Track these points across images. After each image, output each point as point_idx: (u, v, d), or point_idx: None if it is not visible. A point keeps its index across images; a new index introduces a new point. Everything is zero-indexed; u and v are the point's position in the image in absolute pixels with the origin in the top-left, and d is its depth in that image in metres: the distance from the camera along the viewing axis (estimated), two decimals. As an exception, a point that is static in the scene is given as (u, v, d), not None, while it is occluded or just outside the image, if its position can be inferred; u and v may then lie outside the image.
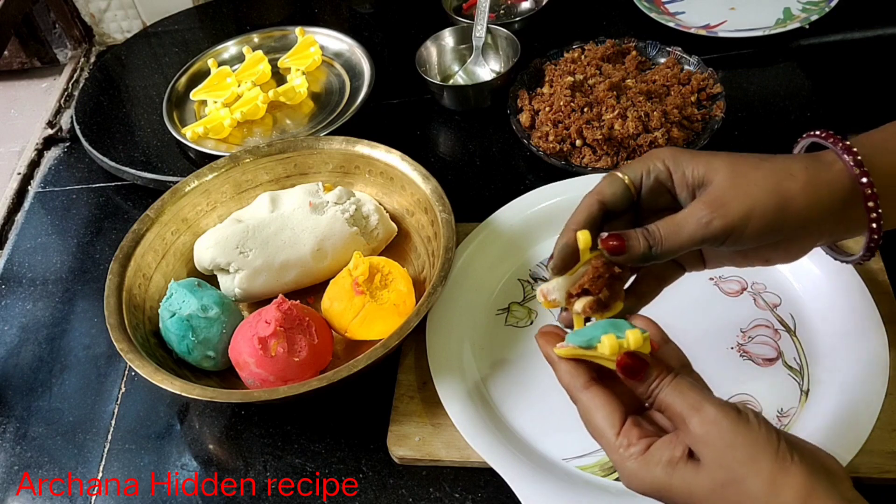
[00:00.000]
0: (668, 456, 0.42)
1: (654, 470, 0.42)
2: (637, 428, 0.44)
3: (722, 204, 0.47)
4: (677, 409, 0.42)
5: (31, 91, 1.14)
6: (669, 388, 0.43)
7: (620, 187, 0.50)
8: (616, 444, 0.44)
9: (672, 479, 0.42)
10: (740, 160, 0.49)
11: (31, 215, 0.94)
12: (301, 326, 0.65)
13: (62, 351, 0.77)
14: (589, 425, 0.46)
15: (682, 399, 0.42)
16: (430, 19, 1.05)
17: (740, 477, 0.40)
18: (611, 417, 0.44)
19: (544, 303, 0.50)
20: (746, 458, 0.40)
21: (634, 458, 0.43)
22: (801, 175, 0.47)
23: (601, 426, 0.45)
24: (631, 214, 0.52)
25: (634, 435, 0.43)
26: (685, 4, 1.02)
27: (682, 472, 0.41)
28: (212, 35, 1.11)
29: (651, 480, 0.42)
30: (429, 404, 0.65)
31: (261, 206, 0.76)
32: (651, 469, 0.42)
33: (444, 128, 0.95)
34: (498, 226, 0.75)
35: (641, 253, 0.48)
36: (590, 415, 0.45)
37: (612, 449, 0.44)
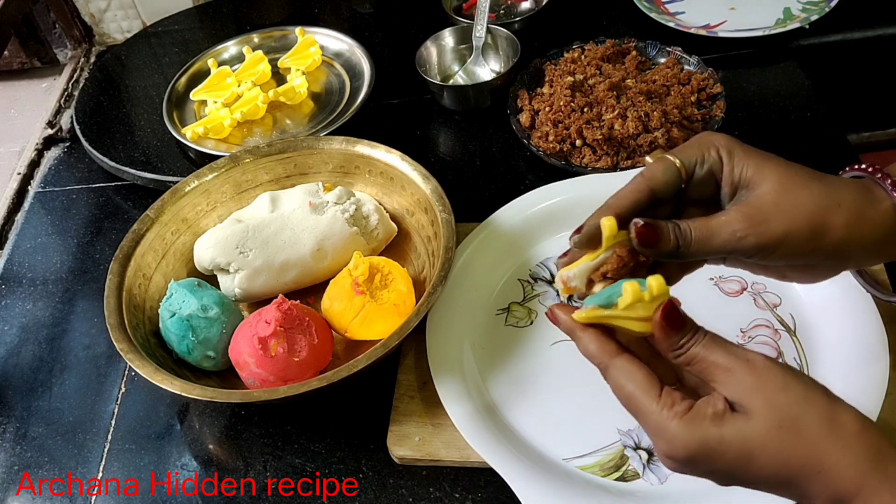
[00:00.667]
0: (713, 410, 0.41)
1: (702, 425, 0.41)
2: (677, 391, 0.43)
3: (761, 221, 0.45)
4: (720, 362, 0.42)
5: (31, 91, 1.14)
6: (707, 340, 0.42)
7: (674, 176, 0.48)
8: (657, 408, 0.42)
9: (723, 431, 0.40)
10: (790, 174, 0.47)
11: (31, 215, 0.94)
12: (301, 326, 0.65)
13: (62, 351, 0.77)
14: (622, 393, 0.44)
15: (725, 352, 0.42)
16: (430, 19, 1.05)
17: (796, 414, 0.40)
18: (648, 381, 0.43)
19: (563, 289, 0.48)
20: (801, 397, 0.40)
21: (679, 417, 0.41)
22: (848, 207, 0.46)
23: (638, 393, 0.43)
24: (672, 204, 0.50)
25: (677, 396, 0.42)
26: (685, 4, 1.02)
27: (732, 421, 0.40)
28: (212, 35, 1.11)
29: (700, 438, 0.41)
30: (429, 404, 0.65)
31: (261, 206, 0.76)
32: (699, 425, 0.41)
33: (444, 128, 0.95)
34: (498, 226, 0.75)
35: (669, 250, 0.46)
36: (624, 382, 0.44)
37: (652, 414, 0.42)
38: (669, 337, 0.43)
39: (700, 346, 0.42)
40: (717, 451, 0.41)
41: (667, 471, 0.59)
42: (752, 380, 0.41)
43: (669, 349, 0.43)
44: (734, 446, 0.40)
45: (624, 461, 0.60)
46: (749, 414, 0.40)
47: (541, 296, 0.72)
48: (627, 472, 0.60)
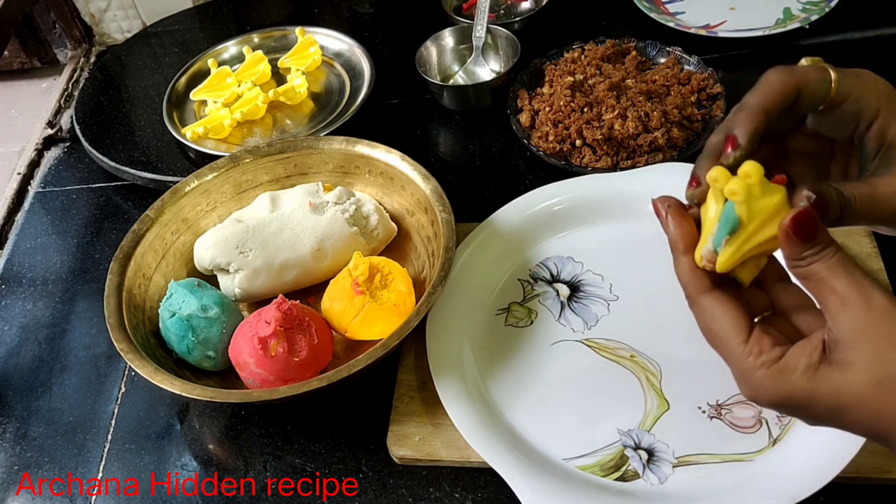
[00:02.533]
0: (807, 362, 0.38)
1: (791, 378, 0.38)
2: (767, 335, 0.40)
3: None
4: (839, 289, 0.38)
5: (31, 91, 1.14)
6: (835, 261, 0.38)
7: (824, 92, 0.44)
8: (744, 353, 0.40)
9: (815, 385, 0.38)
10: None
11: (31, 215, 0.94)
12: (301, 326, 0.65)
13: (62, 351, 0.77)
14: (709, 332, 0.41)
15: (849, 278, 0.38)
16: (430, 19, 1.05)
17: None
18: (737, 322, 0.40)
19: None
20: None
21: (766, 367, 0.39)
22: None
23: (725, 333, 0.40)
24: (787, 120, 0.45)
25: (766, 342, 0.39)
26: (685, 4, 1.02)
27: (827, 374, 0.38)
28: (212, 35, 1.11)
29: (789, 390, 0.39)
30: (429, 404, 0.65)
31: (261, 206, 0.76)
32: (787, 378, 0.38)
33: (444, 128, 0.95)
34: (498, 226, 0.75)
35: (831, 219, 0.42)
36: (711, 319, 0.41)
37: (739, 358, 0.40)
38: (794, 246, 0.39)
39: (824, 265, 0.39)
40: (807, 403, 0.39)
41: (667, 471, 0.59)
42: (865, 322, 0.37)
43: (791, 258, 0.40)
44: (827, 399, 0.38)
45: (624, 461, 0.60)
46: (848, 363, 0.38)
47: (540, 296, 0.72)
48: (627, 472, 0.60)
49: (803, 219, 0.38)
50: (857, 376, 0.37)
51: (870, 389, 0.37)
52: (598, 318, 0.70)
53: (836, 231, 0.70)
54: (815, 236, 0.39)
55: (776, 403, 0.39)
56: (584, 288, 0.72)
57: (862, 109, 0.44)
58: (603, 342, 0.68)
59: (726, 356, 0.41)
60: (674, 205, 0.44)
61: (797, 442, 0.59)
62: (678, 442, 0.61)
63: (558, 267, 0.74)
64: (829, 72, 0.44)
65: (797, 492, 0.55)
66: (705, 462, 0.60)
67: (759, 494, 0.56)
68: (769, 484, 0.57)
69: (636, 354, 0.66)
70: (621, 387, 0.64)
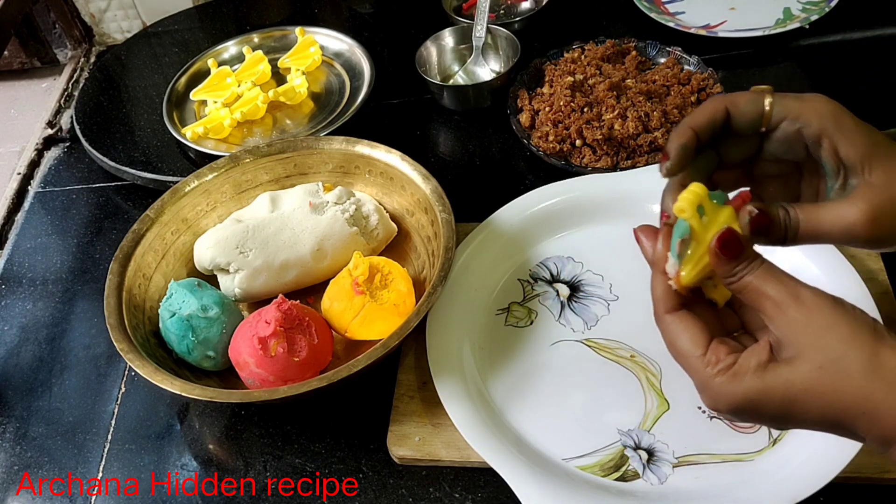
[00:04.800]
0: (756, 361, 0.41)
1: (744, 379, 0.41)
2: (724, 346, 0.43)
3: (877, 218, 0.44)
4: (771, 294, 0.41)
5: (31, 91, 1.14)
6: (762, 270, 0.42)
7: (756, 113, 0.46)
8: (702, 364, 0.42)
9: (765, 381, 0.41)
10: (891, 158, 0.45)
11: (31, 215, 0.94)
12: (301, 326, 0.65)
13: (62, 351, 0.77)
14: (673, 348, 0.44)
15: (777, 283, 0.41)
16: (430, 19, 1.05)
17: (840, 354, 0.39)
18: (697, 338, 0.43)
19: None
20: (847, 336, 0.39)
21: (723, 373, 0.42)
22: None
23: (686, 348, 0.43)
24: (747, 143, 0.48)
25: (722, 351, 0.42)
26: (685, 4, 1.02)
27: (775, 370, 0.40)
28: (212, 35, 1.11)
29: (743, 391, 0.41)
30: (429, 404, 0.65)
31: (261, 206, 0.76)
32: (741, 379, 0.41)
33: (444, 128, 0.95)
34: (498, 226, 0.75)
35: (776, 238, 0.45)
36: (675, 336, 0.44)
37: (698, 369, 0.43)
38: (723, 265, 0.42)
39: (753, 276, 0.42)
40: (761, 401, 0.41)
41: (667, 471, 0.59)
42: (800, 317, 0.40)
43: (724, 276, 0.43)
44: (777, 394, 0.40)
45: (624, 461, 0.60)
46: (793, 357, 0.40)
47: (540, 296, 0.72)
48: (627, 472, 0.60)
49: (727, 239, 0.42)
50: (802, 367, 0.40)
51: (814, 375, 0.39)
52: (598, 318, 0.70)
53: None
54: (741, 253, 0.42)
55: (734, 407, 0.42)
56: (584, 288, 0.72)
57: (802, 129, 0.46)
58: (603, 342, 0.68)
59: (688, 369, 0.44)
60: (648, 227, 0.47)
61: (797, 442, 0.59)
62: (678, 442, 0.61)
63: (558, 267, 0.74)
64: (763, 95, 0.47)
65: (797, 492, 0.55)
66: (705, 462, 0.60)
67: (759, 494, 0.56)
68: (769, 484, 0.57)
69: (636, 354, 0.66)
70: (621, 387, 0.64)
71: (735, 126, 0.47)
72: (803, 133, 0.46)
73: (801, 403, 0.40)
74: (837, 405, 0.39)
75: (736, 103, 0.47)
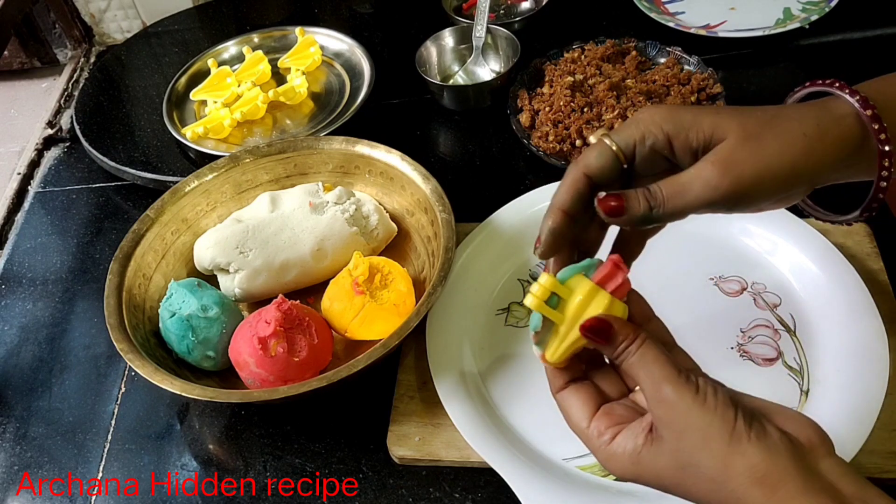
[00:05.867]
0: (632, 447, 0.42)
1: (621, 460, 0.43)
2: (606, 417, 0.44)
3: (733, 165, 0.45)
4: (640, 383, 0.42)
5: (31, 91, 1.14)
6: (635, 357, 0.42)
7: (609, 159, 0.47)
8: (589, 436, 0.44)
9: (639, 469, 0.42)
10: (750, 119, 0.46)
11: (31, 215, 0.94)
12: (301, 326, 0.65)
13: (62, 351, 0.77)
14: (568, 422, 0.46)
15: (644, 373, 0.42)
16: (430, 19, 1.05)
17: (695, 461, 0.40)
18: (584, 410, 0.45)
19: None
20: (699, 443, 0.39)
21: (604, 448, 0.43)
22: (813, 133, 0.45)
23: (576, 420, 0.45)
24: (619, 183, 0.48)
25: (603, 424, 0.44)
26: (685, 4, 1.02)
27: (647, 458, 0.41)
28: (212, 35, 1.11)
29: (621, 471, 0.43)
30: (429, 404, 0.65)
31: (261, 206, 0.76)
32: (619, 460, 0.43)
33: (444, 128, 0.95)
34: (498, 226, 0.75)
35: (641, 214, 0.46)
36: (566, 411, 0.46)
37: (588, 441, 0.45)
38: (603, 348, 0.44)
39: (629, 362, 0.43)
40: (640, 482, 0.43)
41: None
42: (660, 413, 0.41)
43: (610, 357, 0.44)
44: (652, 481, 0.42)
45: (624, 461, 0.60)
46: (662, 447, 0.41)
47: (541, 296, 0.72)
48: (627, 472, 0.60)
49: (594, 325, 0.43)
50: (668, 461, 0.41)
51: (678, 474, 0.41)
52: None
53: (837, 231, 0.70)
54: (611, 336, 0.43)
55: (622, 477, 0.43)
56: (584, 288, 0.72)
57: (653, 145, 0.47)
58: (603, 342, 0.68)
59: (582, 440, 0.45)
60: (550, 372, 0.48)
61: (797, 442, 0.59)
62: (678, 442, 0.61)
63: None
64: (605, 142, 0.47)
65: (797, 492, 0.55)
66: (705, 462, 0.59)
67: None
68: (769, 484, 0.57)
69: (636, 354, 0.66)
70: (621, 387, 0.64)
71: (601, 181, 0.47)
72: (655, 148, 0.47)
73: (674, 491, 0.41)
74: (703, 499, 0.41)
75: (588, 165, 0.47)
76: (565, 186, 0.47)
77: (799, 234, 0.69)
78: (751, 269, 0.71)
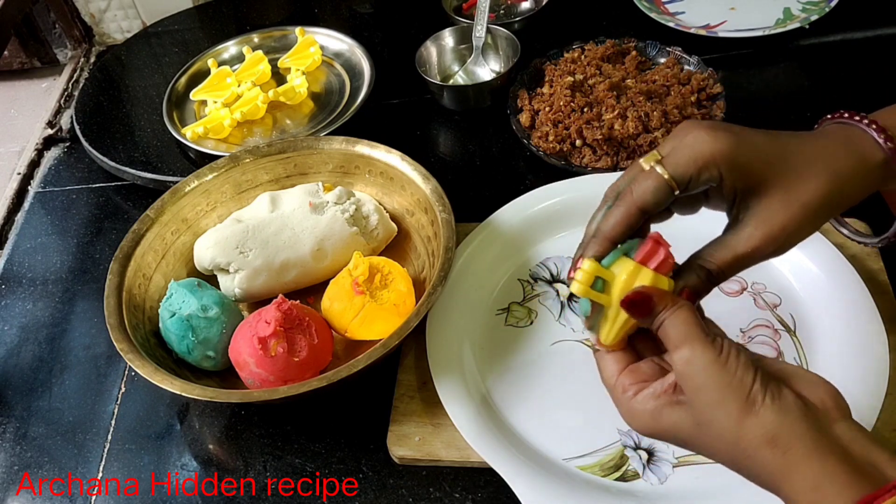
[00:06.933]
0: (653, 404, 0.44)
1: (642, 415, 0.44)
2: (632, 373, 0.46)
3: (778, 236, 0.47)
4: (673, 341, 0.43)
5: (31, 91, 1.14)
6: (672, 316, 0.44)
7: (665, 196, 0.46)
8: (614, 389, 0.46)
9: (657, 424, 0.44)
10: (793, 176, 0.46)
11: (31, 215, 0.94)
12: (301, 326, 0.65)
13: (62, 351, 0.77)
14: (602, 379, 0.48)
15: (674, 332, 0.43)
16: (430, 19, 1.05)
17: (710, 419, 0.41)
18: (614, 367, 0.47)
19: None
20: (716, 401, 0.41)
21: (627, 402, 0.45)
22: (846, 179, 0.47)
23: (606, 375, 0.47)
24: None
25: (628, 380, 0.46)
26: (685, 4, 1.02)
27: (668, 414, 0.43)
28: (212, 35, 1.11)
29: (642, 423, 0.45)
30: (429, 404, 0.65)
31: (261, 206, 0.76)
32: (640, 415, 0.45)
33: (444, 128, 0.95)
34: (498, 226, 0.75)
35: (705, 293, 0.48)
36: (600, 369, 0.48)
37: (614, 393, 0.47)
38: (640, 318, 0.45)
39: (667, 323, 0.44)
40: (661, 435, 0.44)
41: (667, 471, 0.59)
42: (682, 370, 0.43)
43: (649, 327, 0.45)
44: (670, 433, 0.44)
45: (624, 461, 0.60)
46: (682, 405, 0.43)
47: (541, 296, 0.72)
48: (627, 472, 0.60)
49: (632, 302, 0.44)
50: (685, 418, 0.43)
51: (694, 431, 0.43)
52: (598, 318, 0.70)
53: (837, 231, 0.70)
54: (651, 308, 0.44)
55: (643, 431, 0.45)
56: (584, 288, 0.72)
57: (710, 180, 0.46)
58: (603, 342, 0.68)
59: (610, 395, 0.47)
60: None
61: (797, 442, 0.59)
62: (678, 442, 0.61)
63: (558, 267, 0.74)
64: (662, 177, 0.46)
65: (797, 492, 0.55)
66: (705, 462, 0.59)
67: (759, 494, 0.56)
68: (769, 484, 0.57)
69: (636, 354, 0.66)
70: (621, 387, 0.64)
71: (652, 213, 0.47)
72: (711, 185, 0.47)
73: (691, 447, 0.44)
74: (719, 456, 0.42)
75: (645, 202, 0.46)
76: (617, 220, 0.47)
77: (799, 234, 0.69)
78: (751, 269, 0.70)
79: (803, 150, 0.47)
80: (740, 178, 0.46)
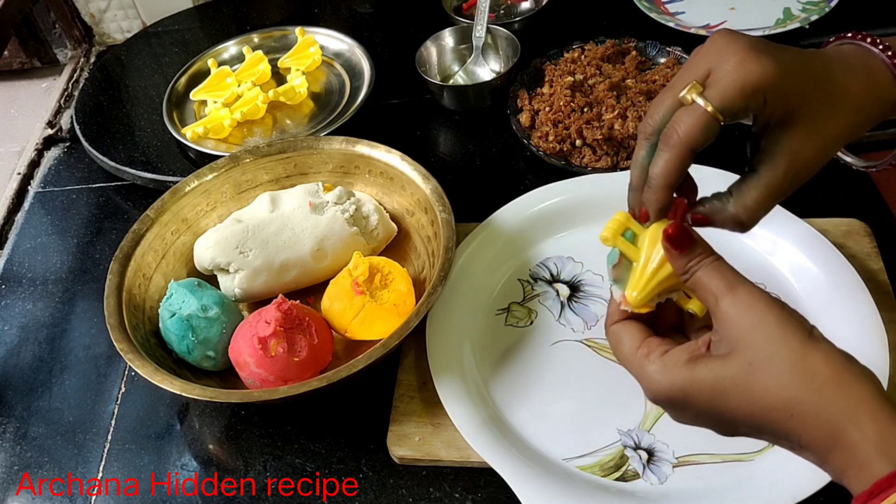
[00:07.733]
0: (688, 354, 0.42)
1: (673, 370, 0.42)
2: (657, 338, 0.45)
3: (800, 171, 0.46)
4: (712, 288, 0.42)
5: (31, 91, 1.14)
6: (710, 266, 0.43)
7: (714, 131, 0.44)
8: (637, 356, 0.44)
9: (694, 373, 0.41)
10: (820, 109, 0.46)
11: (31, 215, 0.94)
12: (301, 326, 0.65)
13: (62, 351, 0.77)
14: (617, 353, 0.46)
15: (719, 277, 0.42)
16: (430, 19, 1.05)
17: (770, 354, 0.39)
18: (636, 338, 0.45)
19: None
20: (776, 336, 0.40)
21: (654, 361, 0.43)
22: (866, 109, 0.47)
23: (626, 347, 0.45)
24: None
25: (654, 343, 0.44)
26: (685, 4, 1.02)
27: (705, 363, 0.41)
28: (212, 35, 1.11)
29: (672, 380, 0.42)
30: (429, 404, 0.65)
31: (261, 206, 0.76)
32: (671, 370, 0.42)
33: (444, 128, 0.95)
34: (498, 226, 0.75)
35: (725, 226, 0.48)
36: (618, 341, 0.46)
37: (634, 362, 0.45)
38: (676, 259, 0.44)
39: (703, 270, 0.43)
40: (690, 392, 0.41)
41: (667, 471, 0.59)
42: (733, 311, 0.41)
43: (680, 274, 0.44)
44: (706, 386, 0.41)
45: (624, 461, 0.60)
46: (726, 353, 0.41)
47: (540, 296, 0.72)
48: (627, 472, 0.60)
49: (673, 234, 0.43)
50: (732, 362, 0.40)
51: (742, 372, 0.40)
52: (598, 318, 0.70)
53: (837, 231, 0.70)
54: (690, 245, 0.43)
55: (666, 396, 0.43)
56: (584, 288, 0.72)
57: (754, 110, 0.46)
58: (603, 342, 0.68)
59: (628, 365, 0.45)
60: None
61: (797, 442, 0.59)
62: (678, 442, 0.61)
63: (558, 267, 0.74)
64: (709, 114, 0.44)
65: (797, 492, 0.55)
66: (705, 462, 0.60)
67: (759, 494, 0.56)
68: (769, 484, 0.57)
69: (636, 354, 0.66)
70: (621, 387, 0.64)
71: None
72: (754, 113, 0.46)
73: (730, 398, 0.40)
74: (764, 403, 0.39)
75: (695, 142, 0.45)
76: (671, 165, 0.45)
77: (799, 234, 0.69)
78: (751, 269, 0.70)
79: (829, 81, 0.46)
80: (780, 106, 0.45)
